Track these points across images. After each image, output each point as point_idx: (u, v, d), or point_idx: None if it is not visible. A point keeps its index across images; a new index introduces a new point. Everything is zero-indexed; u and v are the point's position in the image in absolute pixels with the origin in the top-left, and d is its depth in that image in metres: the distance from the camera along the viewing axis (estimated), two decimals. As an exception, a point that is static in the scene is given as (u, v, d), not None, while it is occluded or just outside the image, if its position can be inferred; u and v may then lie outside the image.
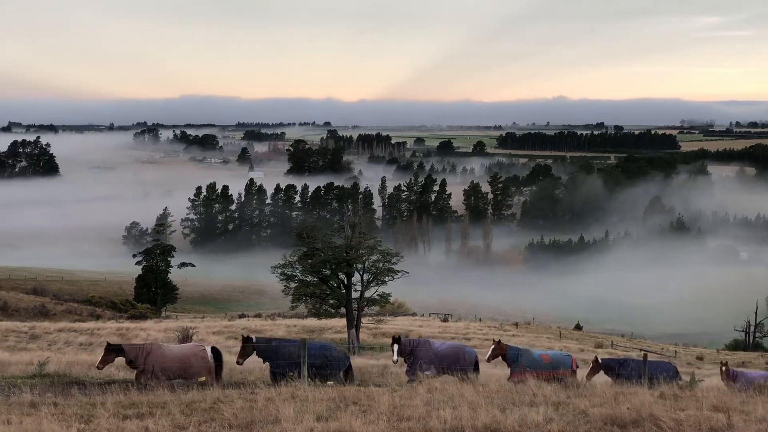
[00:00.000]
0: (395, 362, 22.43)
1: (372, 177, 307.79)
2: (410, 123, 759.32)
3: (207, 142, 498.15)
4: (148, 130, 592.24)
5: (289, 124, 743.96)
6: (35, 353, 34.25)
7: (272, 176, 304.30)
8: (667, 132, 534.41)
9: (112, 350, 19.60)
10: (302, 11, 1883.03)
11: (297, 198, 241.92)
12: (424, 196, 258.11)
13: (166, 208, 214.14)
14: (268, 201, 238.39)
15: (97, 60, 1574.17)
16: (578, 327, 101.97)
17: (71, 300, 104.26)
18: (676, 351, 71.86)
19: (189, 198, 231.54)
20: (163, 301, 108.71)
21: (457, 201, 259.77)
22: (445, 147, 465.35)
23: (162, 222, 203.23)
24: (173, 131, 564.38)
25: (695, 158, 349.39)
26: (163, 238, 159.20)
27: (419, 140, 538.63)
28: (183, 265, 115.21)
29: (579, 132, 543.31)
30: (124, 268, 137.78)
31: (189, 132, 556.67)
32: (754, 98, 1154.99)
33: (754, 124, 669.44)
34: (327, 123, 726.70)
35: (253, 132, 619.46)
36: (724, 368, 23.29)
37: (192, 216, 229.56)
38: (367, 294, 52.01)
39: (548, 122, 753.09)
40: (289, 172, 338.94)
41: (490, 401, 16.48)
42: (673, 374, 22.93)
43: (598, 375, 22.57)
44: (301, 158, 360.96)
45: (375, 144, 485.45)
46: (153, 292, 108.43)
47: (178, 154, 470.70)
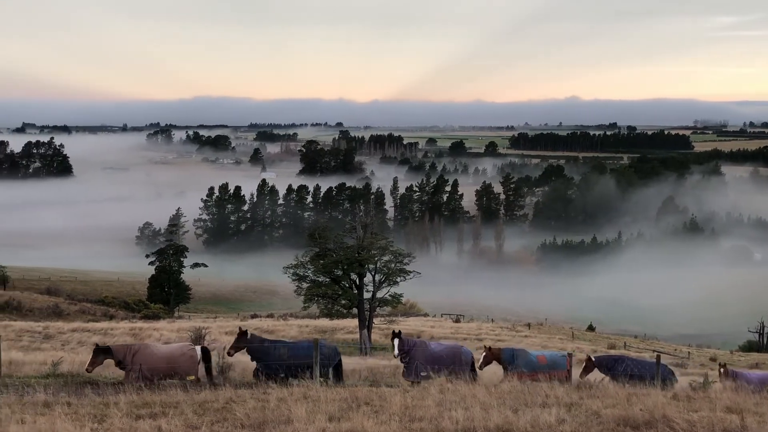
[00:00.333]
0: (396, 356, 22.15)
1: (384, 177, 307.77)
2: (422, 123, 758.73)
3: (220, 143, 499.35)
4: (161, 131, 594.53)
5: (302, 125, 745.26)
6: (49, 353, 34.38)
7: (284, 177, 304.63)
8: (681, 132, 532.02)
9: (101, 352, 19.53)
10: (315, 12, 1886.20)
11: (309, 198, 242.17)
12: (436, 197, 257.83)
13: (179, 209, 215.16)
14: (281, 201, 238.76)
15: (111, 61, 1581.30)
16: (591, 328, 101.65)
17: (85, 300, 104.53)
18: (690, 352, 71.48)
19: (202, 198, 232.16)
20: (176, 301, 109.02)
21: (469, 201, 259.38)
22: (457, 147, 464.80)
23: (175, 222, 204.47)
24: (186, 132, 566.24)
25: (709, 158, 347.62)
26: (176, 239, 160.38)
27: (431, 141, 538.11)
28: (196, 266, 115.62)
29: (592, 132, 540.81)
30: (138, 269, 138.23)
31: (202, 133, 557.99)
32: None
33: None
34: (339, 123, 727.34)
35: (266, 133, 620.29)
36: (723, 369, 23.32)
37: (204, 216, 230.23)
38: (379, 294, 51.91)
39: (561, 122, 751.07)
40: (301, 173, 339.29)
41: (502, 402, 16.45)
42: (667, 374, 22.64)
43: (592, 373, 22.42)
44: (313, 159, 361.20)
45: (387, 144, 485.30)
46: (166, 292, 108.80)
47: (191, 155, 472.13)
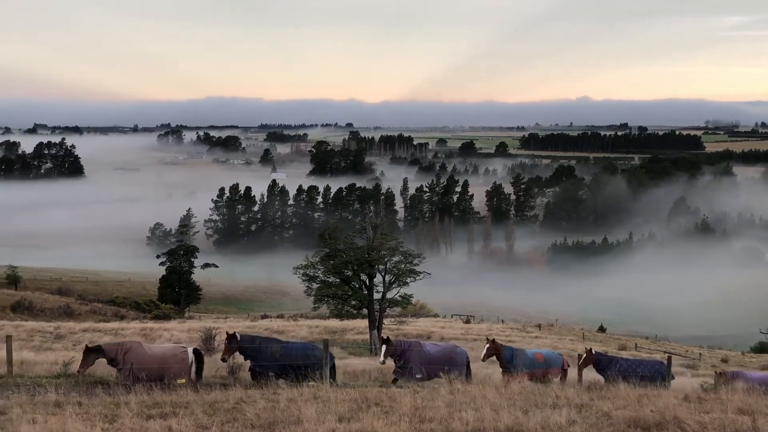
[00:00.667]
0: (382, 363, 22.17)
1: (394, 178, 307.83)
2: (432, 124, 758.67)
3: (230, 144, 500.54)
4: (172, 132, 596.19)
5: (312, 126, 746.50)
6: (60, 353, 34.51)
7: (294, 177, 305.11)
8: (692, 133, 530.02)
9: (91, 351, 19.51)
10: (326, 13, 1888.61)
11: (319, 199, 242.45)
12: (446, 197, 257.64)
13: (190, 209, 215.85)
14: (291, 202, 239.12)
15: (122, 62, 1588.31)
16: (602, 329, 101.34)
17: (96, 300, 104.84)
18: (701, 353, 71.17)
19: (212, 199, 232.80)
20: (187, 302, 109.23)
21: (480, 202, 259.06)
22: (468, 148, 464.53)
23: (185, 223, 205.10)
24: (197, 133, 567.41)
25: (720, 159, 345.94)
26: (187, 239, 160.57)
27: (441, 141, 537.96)
28: (206, 266, 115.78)
29: (602, 133, 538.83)
30: (148, 269, 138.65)
31: (212, 133, 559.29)
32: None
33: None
34: (349, 124, 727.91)
35: (276, 133, 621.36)
36: (718, 372, 23.25)
37: (215, 217, 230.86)
38: (389, 295, 51.82)
39: (571, 123, 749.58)
40: (312, 173, 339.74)
41: (513, 403, 16.41)
42: (662, 373, 22.38)
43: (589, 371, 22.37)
44: (324, 159, 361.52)
45: (397, 145, 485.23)
46: (176, 293, 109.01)
47: (202, 156, 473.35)
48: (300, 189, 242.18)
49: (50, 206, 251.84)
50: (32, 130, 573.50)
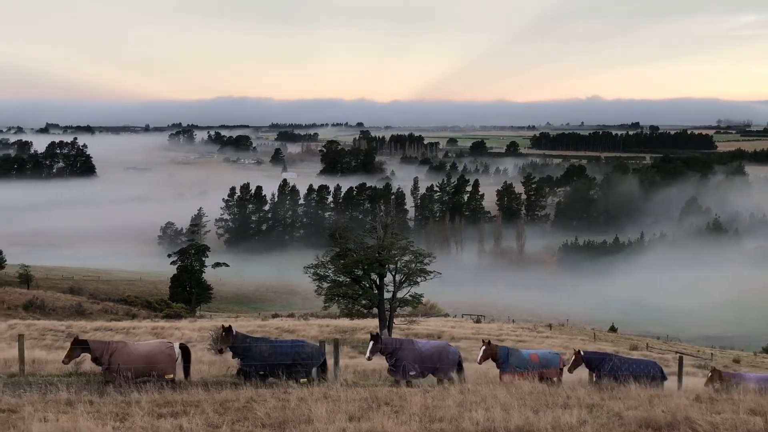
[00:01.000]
0: (369, 359, 22.25)
1: (404, 177, 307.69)
2: (443, 123, 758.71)
3: (241, 143, 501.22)
4: (183, 132, 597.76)
5: (322, 125, 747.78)
6: (72, 352, 34.55)
7: (305, 177, 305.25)
8: (704, 132, 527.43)
9: (78, 345, 19.51)
10: (336, 12, 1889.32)
11: (330, 198, 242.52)
12: (457, 197, 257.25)
13: (201, 209, 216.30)
14: (301, 201, 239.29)
15: (134, 62, 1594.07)
16: (613, 329, 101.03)
17: (107, 299, 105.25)
18: (713, 353, 70.90)
19: (223, 198, 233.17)
20: (198, 301, 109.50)
21: (490, 202, 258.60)
22: (478, 147, 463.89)
23: (196, 222, 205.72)
24: (208, 132, 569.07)
25: (732, 158, 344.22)
26: (198, 238, 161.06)
27: (452, 141, 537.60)
28: (217, 265, 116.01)
29: (614, 132, 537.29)
30: (160, 268, 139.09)
31: (223, 133, 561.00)
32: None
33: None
34: (360, 124, 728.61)
35: (287, 133, 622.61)
36: (711, 368, 23.00)
37: (226, 216, 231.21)
38: (400, 295, 51.80)
39: (582, 122, 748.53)
40: (322, 173, 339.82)
41: (523, 403, 16.40)
42: (658, 374, 22.09)
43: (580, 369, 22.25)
44: (334, 159, 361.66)
45: (407, 144, 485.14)
46: (188, 292, 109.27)
47: (213, 155, 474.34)
48: (310, 188, 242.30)
49: (62, 206, 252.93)
50: (44, 130, 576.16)
